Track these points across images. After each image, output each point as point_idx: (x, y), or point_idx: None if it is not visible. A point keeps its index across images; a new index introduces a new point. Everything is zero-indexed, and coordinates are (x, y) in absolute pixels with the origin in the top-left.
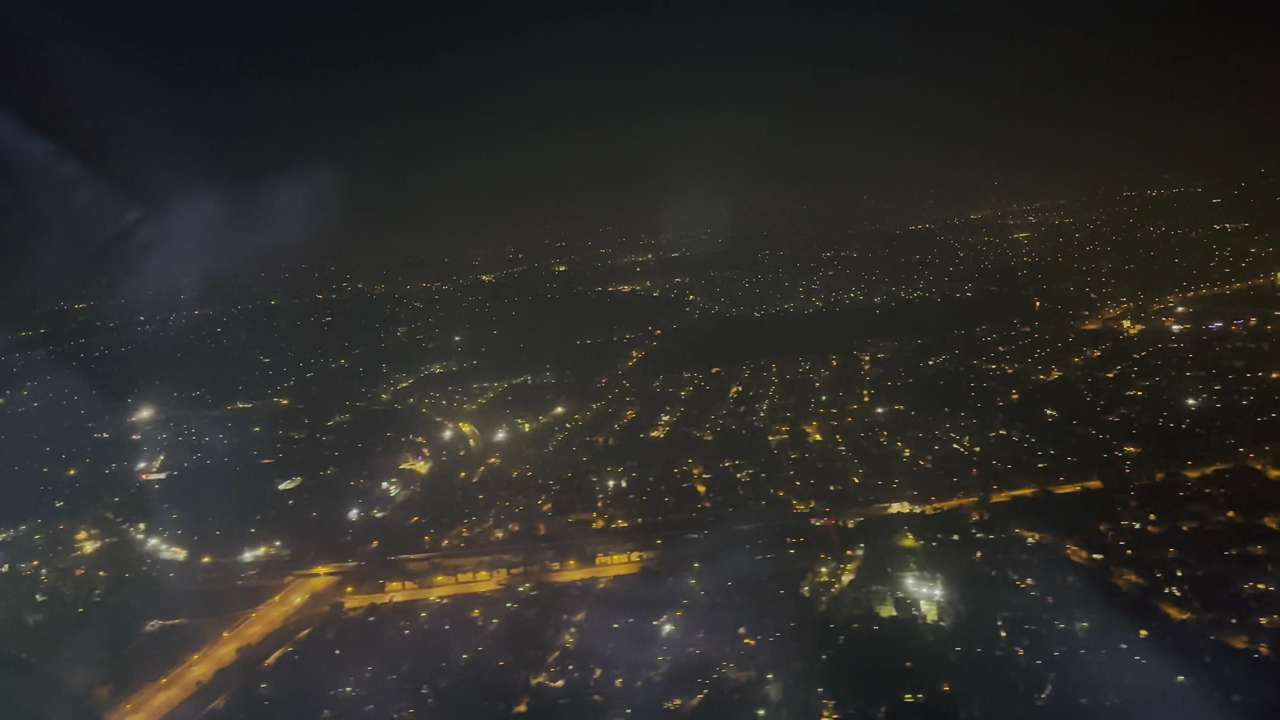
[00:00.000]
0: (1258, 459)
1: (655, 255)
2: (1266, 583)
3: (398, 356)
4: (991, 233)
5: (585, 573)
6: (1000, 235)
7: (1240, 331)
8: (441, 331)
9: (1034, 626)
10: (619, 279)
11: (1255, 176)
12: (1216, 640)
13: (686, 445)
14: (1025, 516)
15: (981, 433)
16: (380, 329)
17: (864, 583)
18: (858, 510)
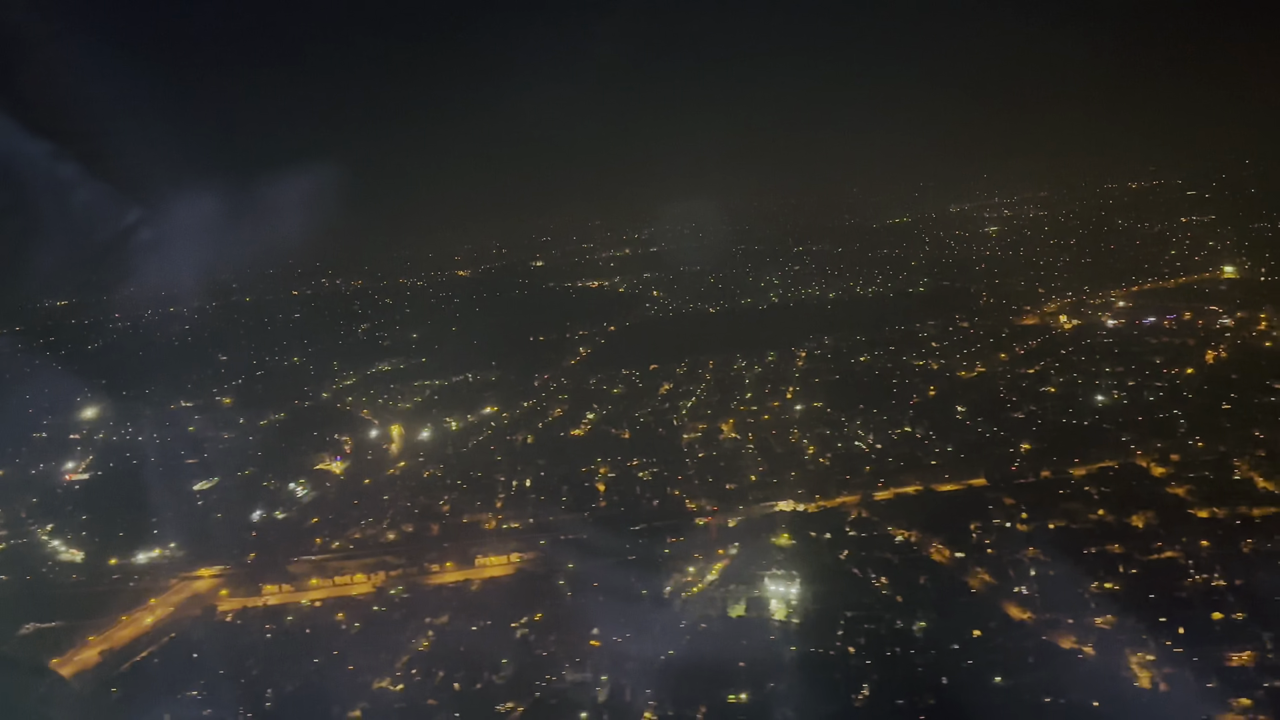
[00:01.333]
0: (1146, 456)
1: (633, 250)
2: (1115, 582)
3: (352, 353)
4: (963, 226)
5: (461, 575)
6: (971, 229)
7: (1171, 327)
8: (402, 328)
9: (873, 626)
10: (591, 275)
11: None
12: (1046, 641)
13: (602, 444)
14: (902, 514)
15: (887, 430)
16: (344, 325)
17: (725, 582)
18: (745, 508)
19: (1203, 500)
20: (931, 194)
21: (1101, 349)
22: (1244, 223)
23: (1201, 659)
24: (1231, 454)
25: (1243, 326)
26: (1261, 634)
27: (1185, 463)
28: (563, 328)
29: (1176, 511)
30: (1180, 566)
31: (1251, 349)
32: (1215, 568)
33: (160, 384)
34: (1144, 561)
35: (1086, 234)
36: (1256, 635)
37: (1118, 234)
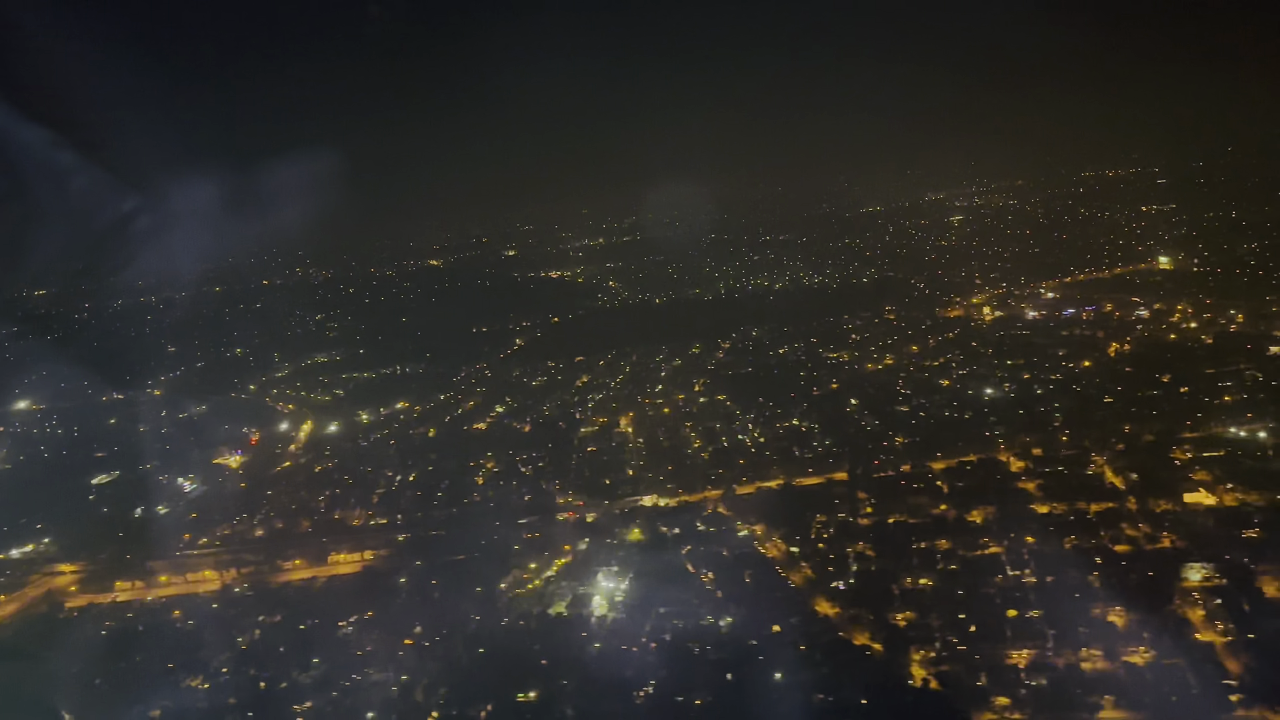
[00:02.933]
0: (1009, 450)
1: (607, 240)
2: (930, 578)
3: (295, 344)
4: (931, 215)
5: (310, 572)
6: (937, 218)
7: (1088, 319)
8: (354, 319)
9: (683, 622)
10: (558, 265)
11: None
12: (842, 637)
13: (500, 438)
14: (755, 509)
15: (775, 424)
16: (300, 316)
17: (561, 578)
18: (610, 503)
19: (1046, 496)
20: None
21: (1011, 341)
22: (1200, 212)
23: (981, 657)
24: (1092, 449)
25: (1157, 319)
26: (1046, 632)
27: (1045, 458)
28: (506, 319)
29: (1017, 507)
30: (999, 563)
31: (1155, 342)
32: (1031, 565)
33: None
34: (966, 558)
35: (1046, 223)
36: (1042, 634)
37: (1076, 223)
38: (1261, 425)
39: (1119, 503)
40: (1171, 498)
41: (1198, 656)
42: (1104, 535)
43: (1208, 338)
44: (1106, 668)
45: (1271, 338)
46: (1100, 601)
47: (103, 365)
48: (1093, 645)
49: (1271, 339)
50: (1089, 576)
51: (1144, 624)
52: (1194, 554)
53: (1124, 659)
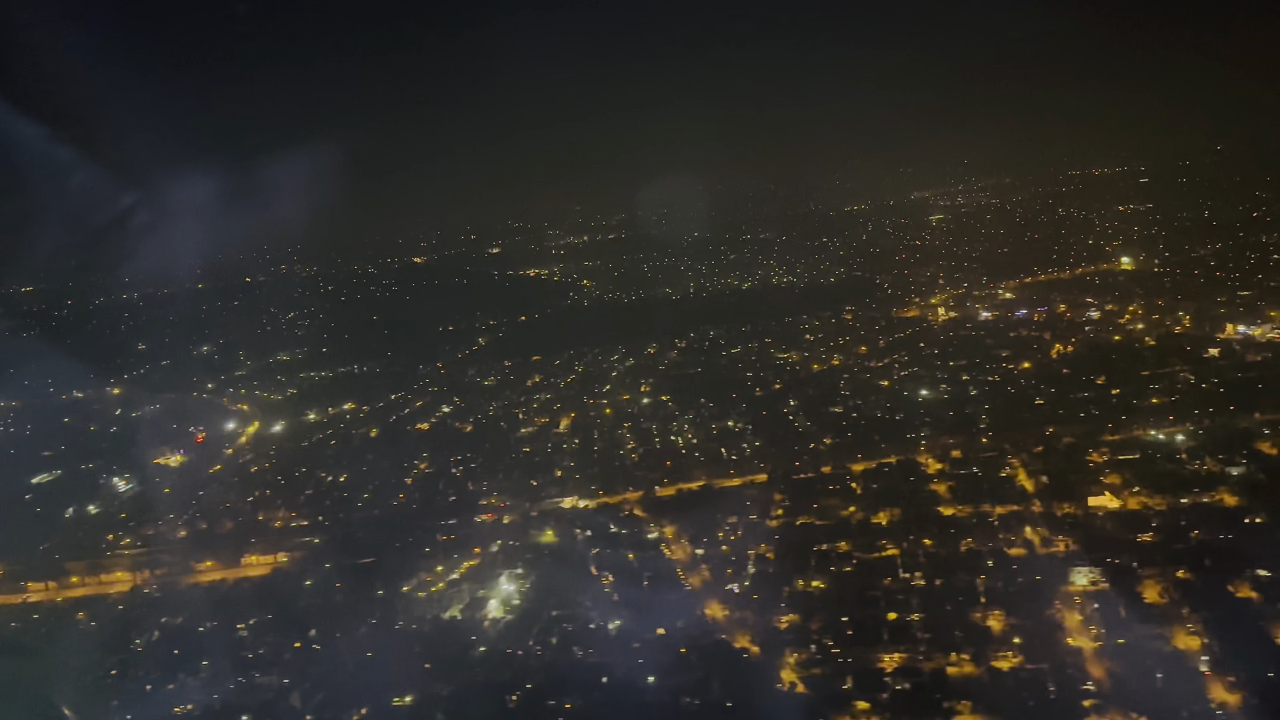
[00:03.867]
0: (929, 452)
1: (592, 237)
2: (823, 580)
3: (263, 342)
4: (913, 214)
5: (221, 574)
6: (919, 216)
7: (1039, 319)
8: (325, 316)
9: (573, 626)
10: (538, 263)
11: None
12: (722, 640)
13: (441, 438)
14: (672, 511)
15: (710, 425)
16: (273, 313)
17: (465, 581)
18: (531, 505)
19: (954, 498)
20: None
21: (958, 342)
22: (1175, 212)
23: (854, 660)
24: (1010, 452)
25: (1106, 320)
26: (921, 636)
27: (962, 460)
28: (473, 317)
29: (923, 509)
30: (893, 565)
31: (1099, 344)
32: (922, 568)
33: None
34: (863, 560)
35: (1022, 223)
36: (916, 637)
37: (1050, 223)
38: (1180, 428)
39: (1024, 505)
40: (1076, 501)
41: (1064, 662)
42: (1001, 538)
43: (1151, 340)
44: (972, 672)
45: (1212, 340)
46: (980, 606)
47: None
48: (964, 649)
49: (1212, 341)
50: (976, 580)
51: (1019, 629)
52: (1085, 558)
53: (991, 664)
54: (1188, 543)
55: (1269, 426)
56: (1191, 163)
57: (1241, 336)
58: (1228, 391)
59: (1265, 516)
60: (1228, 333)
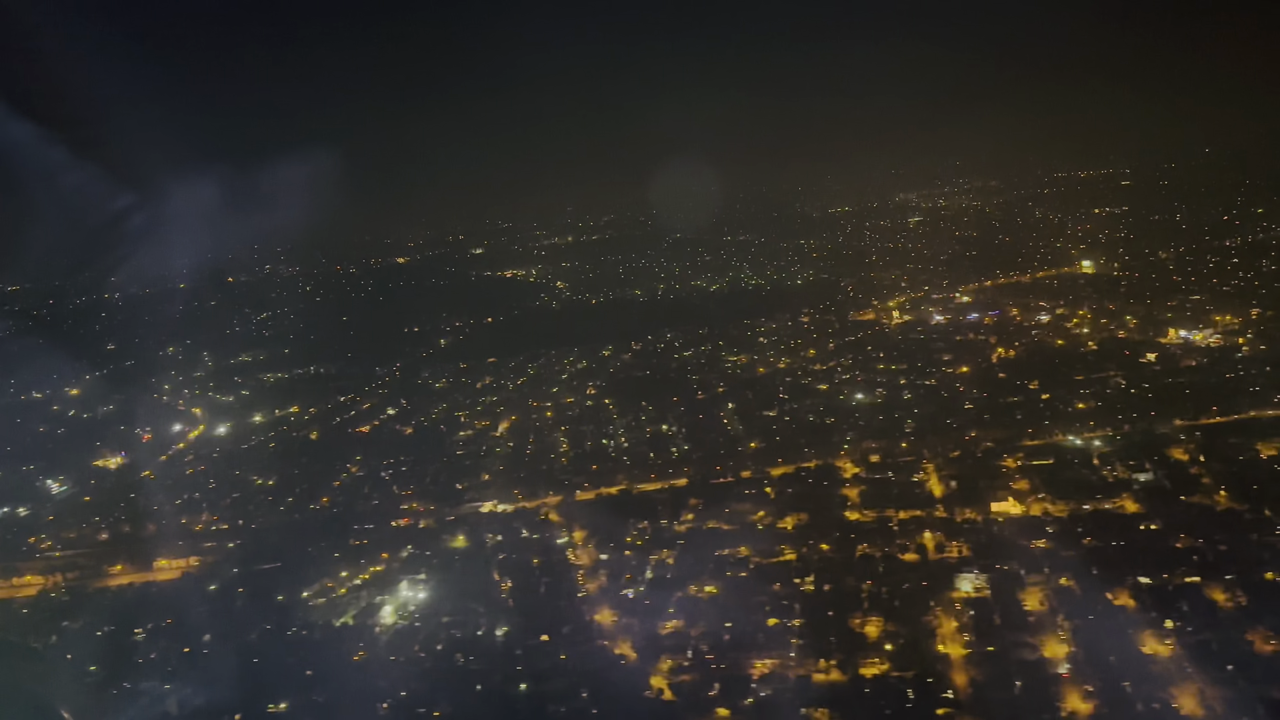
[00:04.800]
0: (849, 456)
1: (576, 238)
2: (715, 586)
3: (230, 342)
4: (894, 216)
5: (132, 577)
6: (899, 219)
7: (989, 323)
8: (296, 317)
9: (461, 633)
10: (519, 263)
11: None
12: (602, 646)
13: (379, 441)
14: (587, 515)
15: (645, 428)
16: (247, 314)
17: (366, 586)
18: (453, 509)
19: (862, 503)
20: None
21: (906, 346)
22: (1147, 215)
23: (727, 666)
24: (927, 457)
25: (1055, 324)
26: (793, 642)
27: (880, 464)
28: (440, 319)
29: (830, 514)
30: (786, 570)
31: (1041, 348)
32: (813, 572)
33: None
34: (759, 565)
35: (996, 225)
36: (789, 643)
37: (1024, 225)
38: (1100, 434)
39: (928, 511)
40: (979, 507)
41: (930, 669)
42: (897, 544)
43: (1093, 344)
44: (837, 679)
45: (1153, 344)
46: (861, 612)
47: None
48: (834, 655)
49: (1152, 346)
50: (863, 585)
51: (893, 636)
52: (974, 564)
53: (859, 671)
54: (1079, 549)
55: (1186, 433)
56: (1177, 165)
57: (1182, 341)
58: (1155, 397)
59: (1160, 524)
60: (1170, 337)
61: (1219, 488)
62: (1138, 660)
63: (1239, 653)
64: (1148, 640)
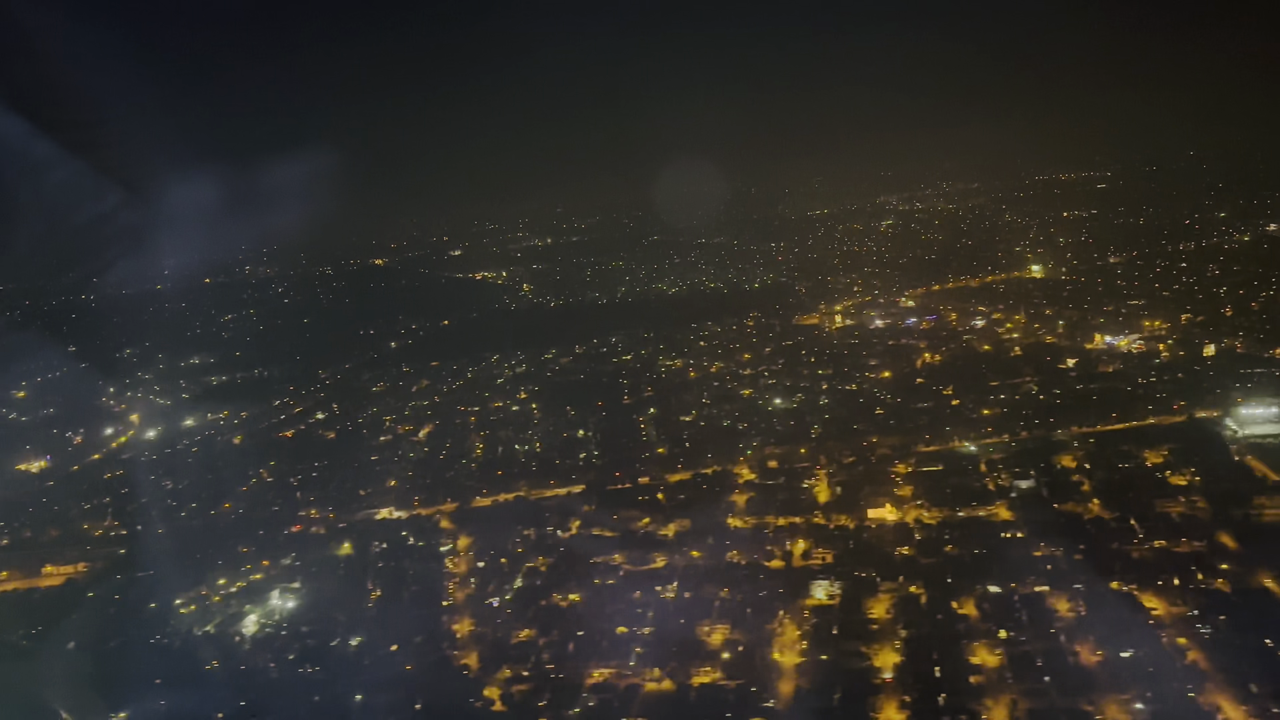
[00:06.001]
0: (749, 462)
1: (555, 240)
2: (580, 594)
3: (186, 344)
4: (869, 220)
5: (17, 583)
6: (873, 222)
7: (925, 328)
8: (258, 319)
9: (316, 642)
10: (493, 265)
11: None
12: (446, 655)
13: (299, 445)
14: (478, 522)
15: (561, 433)
16: (213, 315)
17: (240, 594)
18: (350, 515)
19: (748, 510)
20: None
21: (839, 350)
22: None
23: (566, 675)
24: (822, 463)
25: (988, 328)
26: (634, 650)
27: (776, 470)
28: (396, 321)
29: (711, 521)
30: (653, 578)
31: (967, 353)
32: (677, 580)
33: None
34: (630, 573)
35: (964, 228)
36: (630, 652)
37: (990, 229)
38: (996, 440)
39: (806, 517)
40: (856, 513)
41: (762, 677)
42: (767, 549)
43: (1019, 349)
44: (667, 688)
45: (1077, 350)
46: (710, 620)
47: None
48: (671, 664)
49: (1075, 352)
50: (720, 592)
51: (734, 643)
52: (834, 571)
53: (691, 680)
54: (940, 557)
55: (1080, 440)
56: (1159, 168)
57: (1106, 347)
58: (1061, 404)
59: (1025, 532)
60: (1095, 343)
61: (1094, 496)
62: (963, 670)
63: (1061, 664)
64: (978, 650)
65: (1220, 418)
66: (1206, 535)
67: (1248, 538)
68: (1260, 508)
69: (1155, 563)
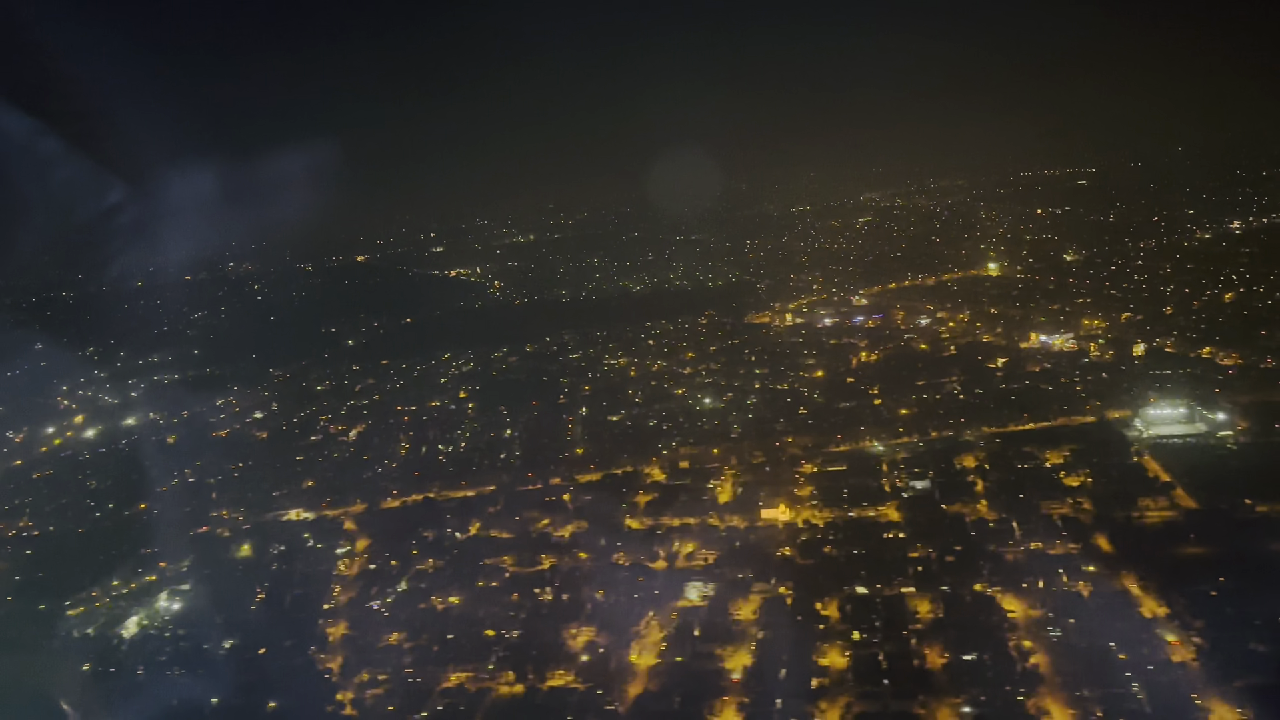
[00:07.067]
0: (662, 463)
1: (539, 236)
2: (459, 596)
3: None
4: (848, 216)
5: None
6: (851, 218)
7: (873, 326)
8: (226, 316)
9: (187, 645)
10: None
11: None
12: (313, 656)
13: (231, 445)
14: (384, 523)
15: (488, 432)
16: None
17: (128, 597)
18: (258, 516)
19: (646, 512)
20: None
21: (781, 349)
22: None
23: (423, 679)
24: (730, 463)
25: (930, 327)
26: (498, 654)
27: (686, 471)
28: (358, 319)
29: (609, 523)
30: (533, 580)
31: (904, 352)
32: (556, 583)
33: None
34: (516, 575)
35: (937, 225)
36: (491, 655)
37: (962, 226)
38: (906, 440)
39: (701, 518)
40: (749, 514)
41: (614, 680)
42: (653, 550)
43: (954, 348)
44: (518, 691)
45: (1011, 349)
46: (577, 622)
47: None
48: (528, 668)
49: (1008, 351)
50: (595, 595)
51: (595, 646)
52: (711, 572)
53: (545, 684)
54: (818, 558)
55: (987, 440)
56: (1144, 164)
57: (1041, 346)
58: (979, 404)
59: (907, 534)
60: (1030, 342)
61: (983, 498)
62: (807, 673)
63: (905, 667)
64: (829, 652)
65: (1130, 418)
66: (1083, 538)
67: (1123, 540)
68: (1144, 509)
69: (1025, 565)
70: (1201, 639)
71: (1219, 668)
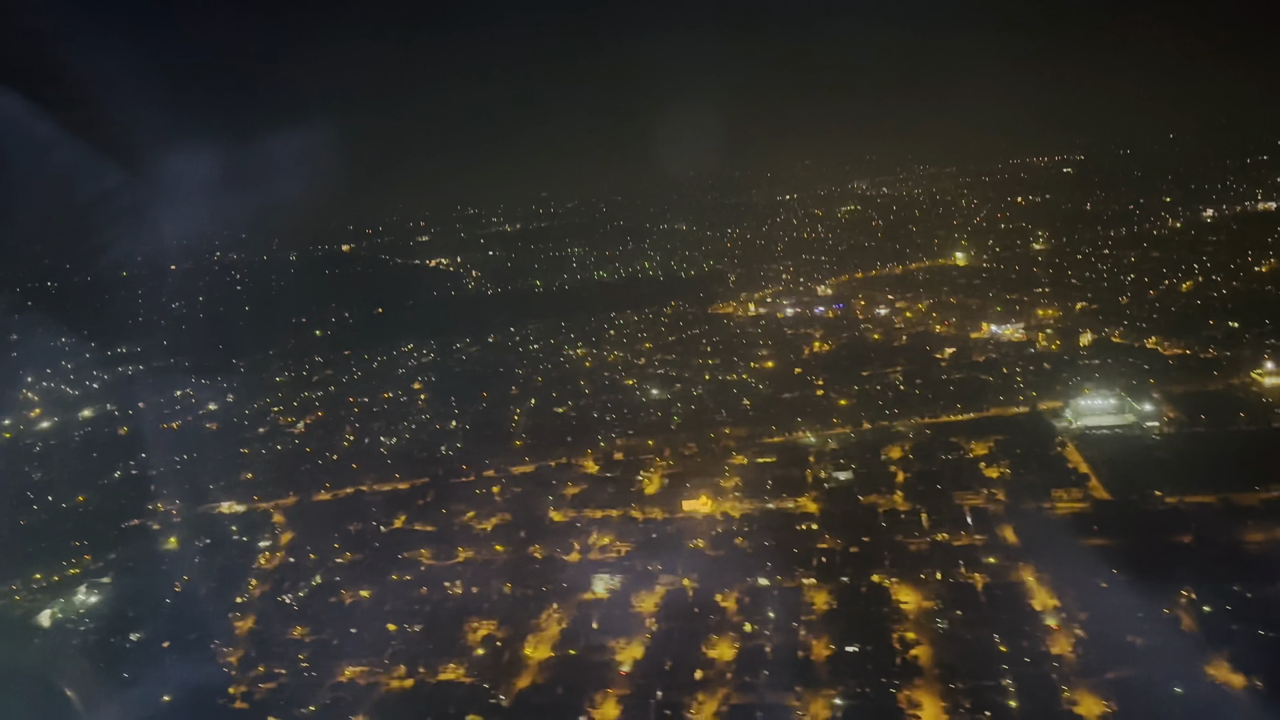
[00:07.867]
0: (597, 455)
1: (524, 225)
2: (369, 589)
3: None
4: (832, 205)
5: None
6: (835, 207)
7: (831, 317)
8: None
9: (96, 639)
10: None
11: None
12: (215, 651)
13: (181, 438)
14: (312, 517)
15: (433, 424)
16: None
17: (46, 590)
18: (193, 509)
19: (573, 504)
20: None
21: (738, 340)
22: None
23: (318, 673)
24: (661, 455)
25: (887, 317)
26: (393, 648)
27: (618, 463)
28: (328, 309)
29: (532, 515)
30: (445, 574)
31: (856, 343)
32: (471, 575)
33: None
34: (431, 568)
35: (916, 214)
36: (386, 650)
37: (940, 215)
38: (838, 431)
39: (623, 510)
40: (670, 506)
41: (504, 674)
42: (569, 543)
43: (905, 338)
44: (407, 685)
45: (960, 339)
46: (479, 615)
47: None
48: (421, 660)
49: (957, 341)
50: (503, 588)
51: (491, 640)
52: (621, 565)
53: (437, 678)
54: (728, 550)
55: (917, 431)
56: (1133, 151)
57: (990, 336)
58: (917, 394)
59: (819, 524)
60: (981, 331)
61: (900, 489)
62: (696, 665)
63: (788, 659)
64: (719, 644)
65: (1061, 409)
66: (989, 529)
67: (1028, 531)
68: (1056, 500)
69: (927, 556)
70: (1083, 630)
71: (1094, 659)
